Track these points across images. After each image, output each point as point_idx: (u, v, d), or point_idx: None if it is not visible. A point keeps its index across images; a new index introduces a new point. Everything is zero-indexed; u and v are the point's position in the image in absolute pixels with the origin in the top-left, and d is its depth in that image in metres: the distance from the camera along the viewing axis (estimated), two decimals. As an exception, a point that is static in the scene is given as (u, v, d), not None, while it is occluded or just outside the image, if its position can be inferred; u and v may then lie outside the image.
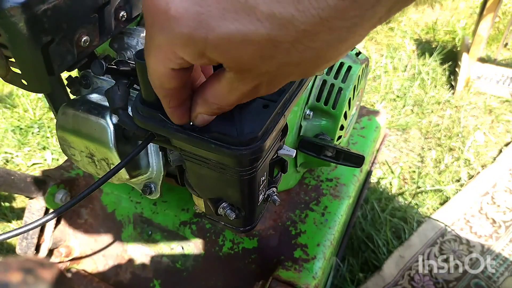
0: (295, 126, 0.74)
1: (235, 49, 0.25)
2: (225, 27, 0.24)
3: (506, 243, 1.29)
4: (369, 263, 1.27)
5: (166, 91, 0.31)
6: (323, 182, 0.90)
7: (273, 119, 0.36)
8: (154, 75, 0.30)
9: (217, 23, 0.24)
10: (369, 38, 2.26)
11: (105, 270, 0.91)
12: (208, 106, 0.32)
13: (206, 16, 0.24)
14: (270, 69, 0.27)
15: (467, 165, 1.56)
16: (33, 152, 1.73)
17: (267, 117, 0.35)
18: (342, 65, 0.75)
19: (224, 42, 0.24)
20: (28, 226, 0.43)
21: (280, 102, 0.37)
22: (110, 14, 0.55)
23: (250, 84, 0.28)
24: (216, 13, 0.24)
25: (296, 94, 0.39)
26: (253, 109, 0.36)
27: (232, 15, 0.23)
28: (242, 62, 0.26)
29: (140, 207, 0.90)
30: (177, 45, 0.26)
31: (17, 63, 0.50)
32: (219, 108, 0.32)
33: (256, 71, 0.27)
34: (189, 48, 0.26)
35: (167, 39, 0.26)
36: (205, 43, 0.25)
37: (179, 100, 0.32)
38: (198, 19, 0.24)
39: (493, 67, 1.91)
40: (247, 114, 0.35)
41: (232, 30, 0.24)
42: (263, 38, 0.24)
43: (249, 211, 0.47)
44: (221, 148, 0.34)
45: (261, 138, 0.34)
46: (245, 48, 0.25)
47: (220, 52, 0.25)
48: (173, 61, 0.27)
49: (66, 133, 0.62)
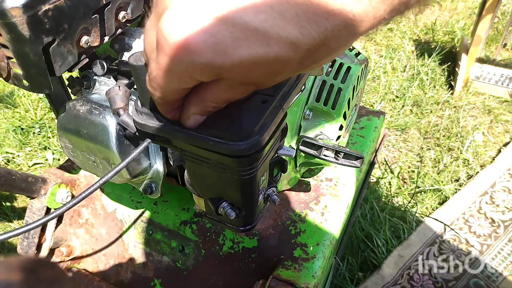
0: (295, 126, 0.74)
1: (249, 70, 0.28)
2: (239, 53, 0.26)
3: (505, 242, 1.30)
4: (369, 263, 1.27)
5: (167, 101, 0.33)
6: (322, 182, 0.90)
7: (271, 113, 0.36)
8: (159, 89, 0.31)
9: (232, 51, 0.26)
10: (369, 39, 2.26)
11: (106, 270, 0.92)
12: (203, 106, 0.33)
13: (222, 45, 0.26)
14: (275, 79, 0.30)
15: (466, 165, 1.57)
16: (34, 152, 1.73)
17: (265, 111, 0.35)
18: (341, 65, 0.75)
19: (239, 66, 0.27)
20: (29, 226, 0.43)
21: (278, 96, 0.37)
22: (111, 15, 0.55)
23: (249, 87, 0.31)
24: (230, 42, 0.26)
25: (295, 87, 0.39)
26: (252, 105, 0.36)
27: (244, 42, 0.26)
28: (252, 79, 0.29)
29: (141, 206, 0.90)
30: (195, 72, 0.28)
31: (18, 63, 0.50)
32: (215, 107, 0.33)
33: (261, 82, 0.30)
34: (206, 73, 0.28)
35: (186, 67, 0.28)
36: (222, 68, 0.27)
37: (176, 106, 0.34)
38: (215, 49, 0.26)
39: (492, 68, 1.91)
40: (245, 110, 0.35)
41: (245, 55, 0.27)
42: (272, 59, 0.27)
43: (249, 211, 0.47)
44: (219, 145, 0.34)
45: (258, 132, 0.34)
46: (257, 69, 0.28)
47: (234, 73, 0.28)
48: (188, 82, 0.30)
49: (67, 133, 0.62)
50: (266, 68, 0.28)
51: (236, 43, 0.26)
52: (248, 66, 0.27)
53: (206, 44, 0.26)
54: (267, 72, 0.28)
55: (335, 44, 0.28)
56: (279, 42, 0.26)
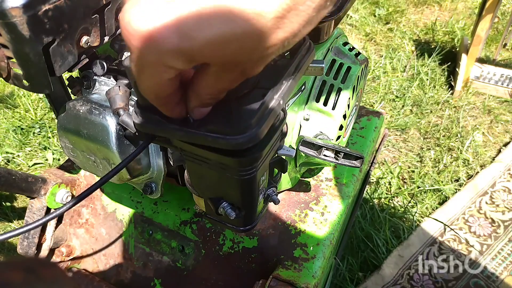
0: (295, 126, 0.74)
1: (219, 49, 0.27)
2: (204, 34, 0.26)
3: (505, 242, 1.30)
4: (369, 263, 1.27)
5: (162, 99, 0.33)
6: (322, 182, 0.91)
7: (267, 105, 0.36)
8: (148, 90, 0.32)
9: (196, 32, 0.26)
10: (369, 39, 2.26)
11: (106, 270, 0.92)
12: (200, 99, 0.33)
13: (185, 28, 0.26)
14: (252, 57, 0.29)
15: (466, 165, 1.57)
16: (34, 152, 1.73)
17: (261, 103, 0.35)
18: (341, 65, 0.75)
19: (208, 46, 0.26)
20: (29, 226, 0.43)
21: (275, 88, 0.37)
22: (111, 15, 0.55)
23: (235, 72, 0.30)
24: (192, 23, 0.26)
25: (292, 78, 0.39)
26: (252, 100, 0.36)
27: (207, 21, 0.26)
28: (227, 57, 0.28)
29: (141, 206, 0.90)
30: (166, 59, 0.28)
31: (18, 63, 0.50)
32: (212, 98, 0.33)
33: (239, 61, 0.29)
34: (177, 58, 0.27)
35: (156, 56, 0.27)
36: (191, 51, 0.27)
37: (175, 102, 0.33)
38: (179, 33, 0.26)
39: (492, 68, 1.91)
40: (244, 105, 0.35)
41: (211, 34, 0.26)
42: (240, 34, 0.26)
43: (249, 211, 0.47)
44: (218, 140, 0.34)
45: (256, 125, 0.34)
46: (227, 47, 0.27)
47: (206, 54, 0.27)
48: (166, 71, 0.29)
49: (67, 133, 0.62)
50: (237, 45, 0.27)
51: (199, 23, 0.26)
52: (217, 45, 0.26)
53: (170, 30, 0.26)
54: (240, 49, 0.27)
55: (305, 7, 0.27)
56: (242, 15, 0.25)
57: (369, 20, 2.36)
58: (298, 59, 0.40)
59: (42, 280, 0.26)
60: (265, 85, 0.37)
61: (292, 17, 0.27)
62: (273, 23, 0.26)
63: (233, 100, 0.36)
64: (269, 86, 0.37)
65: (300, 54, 0.41)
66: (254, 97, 0.36)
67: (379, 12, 2.40)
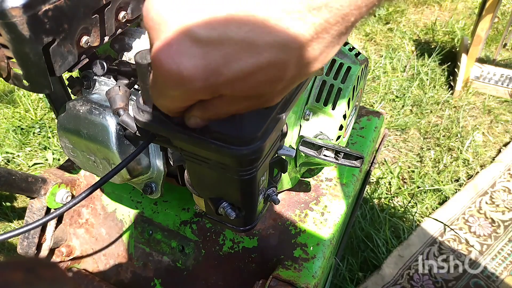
0: (295, 126, 0.74)
1: (245, 82, 0.27)
2: (232, 69, 0.27)
3: (505, 242, 1.30)
4: (369, 263, 1.27)
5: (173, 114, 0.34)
6: (322, 182, 0.91)
7: (273, 119, 0.36)
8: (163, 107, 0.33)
9: (224, 68, 0.27)
10: (369, 39, 2.26)
11: (106, 270, 0.92)
12: (205, 112, 0.33)
13: (213, 65, 0.26)
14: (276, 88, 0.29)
15: (466, 165, 1.57)
16: (34, 152, 1.73)
17: (267, 117, 0.35)
18: (341, 65, 0.75)
19: (235, 80, 0.27)
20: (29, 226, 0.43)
21: (280, 102, 0.37)
22: (111, 15, 0.55)
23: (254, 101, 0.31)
24: (220, 60, 0.26)
25: (296, 94, 0.40)
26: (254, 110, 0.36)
27: (234, 56, 0.26)
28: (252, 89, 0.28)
29: (141, 206, 0.90)
30: (193, 95, 0.29)
31: (18, 63, 0.50)
32: (215, 116, 0.33)
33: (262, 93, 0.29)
34: (204, 94, 0.29)
35: (183, 92, 0.29)
36: (217, 86, 0.28)
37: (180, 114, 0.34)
38: (207, 70, 0.27)
39: (492, 68, 1.91)
40: (247, 114, 0.36)
41: (238, 68, 0.27)
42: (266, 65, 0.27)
43: (249, 211, 0.47)
44: (222, 148, 0.34)
45: (261, 138, 0.35)
46: (253, 79, 0.27)
47: (232, 87, 0.28)
48: (188, 102, 0.31)
49: (67, 133, 0.62)
50: (262, 76, 0.27)
51: (226, 59, 0.26)
52: (243, 78, 0.27)
53: (198, 68, 0.26)
54: (265, 80, 0.28)
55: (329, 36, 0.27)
56: (268, 47, 0.26)
57: (369, 20, 2.36)
58: None
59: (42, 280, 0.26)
60: None
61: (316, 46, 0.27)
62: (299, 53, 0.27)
63: None
64: None
65: None
66: None
67: (379, 12, 2.40)
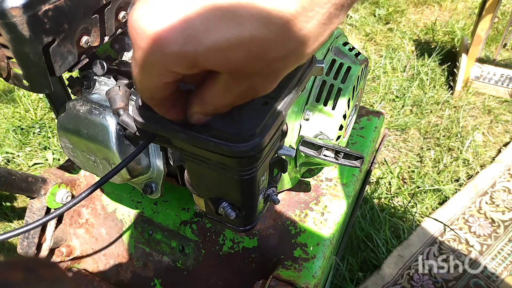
0: (295, 126, 0.74)
1: (225, 55, 0.25)
2: (211, 37, 0.25)
3: (505, 242, 1.30)
4: (369, 263, 1.27)
5: (156, 101, 0.32)
6: (322, 182, 0.91)
7: (272, 116, 0.36)
8: (144, 90, 0.31)
9: (203, 35, 0.25)
10: (368, 39, 2.26)
11: (106, 270, 0.92)
12: (203, 106, 0.32)
13: (191, 30, 0.25)
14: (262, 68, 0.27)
15: (466, 165, 1.57)
16: (34, 152, 1.73)
17: (266, 113, 0.36)
18: (341, 65, 0.75)
19: (213, 51, 0.25)
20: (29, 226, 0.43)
21: (279, 98, 0.37)
22: (111, 15, 0.55)
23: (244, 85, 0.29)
24: (200, 26, 0.25)
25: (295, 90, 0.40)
26: (252, 107, 0.36)
27: (214, 24, 0.25)
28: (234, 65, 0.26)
29: (141, 206, 0.91)
30: (168, 63, 0.27)
31: (18, 63, 0.50)
32: (214, 110, 0.32)
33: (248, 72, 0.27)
34: (180, 63, 0.26)
35: (158, 58, 0.26)
36: (196, 56, 0.26)
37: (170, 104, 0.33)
38: (185, 35, 0.25)
39: (492, 68, 1.91)
40: (246, 112, 0.36)
41: (218, 38, 0.25)
42: (248, 39, 0.25)
43: (249, 211, 0.47)
44: (220, 146, 0.34)
45: (259, 135, 0.35)
46: (233, 53, 0.25)
47: (211, 60, 0.26)
48: (165, 75, 0.28)
49: (67, 133, 0.62)
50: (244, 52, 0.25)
51: (206, 26, 0.25)
52: (223, 50, 0.25)
53: (176, 32, 0.25)
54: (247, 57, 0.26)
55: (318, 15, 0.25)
56: (251, 20, 0.24)
57: (369, 20, 2.36)
58: (302, 71, 0.41)
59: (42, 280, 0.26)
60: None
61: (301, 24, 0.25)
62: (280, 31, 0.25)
63: None
64: (271, 95, 0.37)
65: (304, 66, 0.41)
66: (255, 104, 0.37)
67: (379, 12, 2.40)
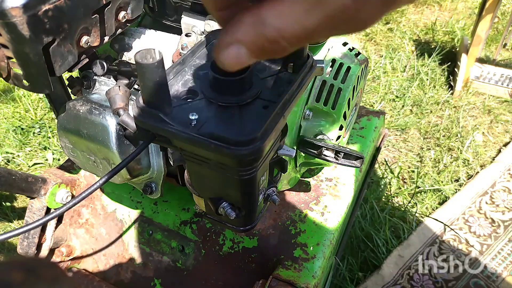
0: (295, 126, 0.74)
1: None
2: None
3: (505, 242, 1.30)
4: (369, 263, 1.27)
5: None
6: (322, 182, 0.90)
7: (273, 120, 0.36)
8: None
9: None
10: (369, 39, 2.26)
11: (106, 270, 0.92)
12: (259, 32, 0.22)
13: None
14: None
15: (466, 165, 1.57)
16: (34, 152, 1.73)
17: (267, 117, 0.36)
18: (341, 65, 0.75)
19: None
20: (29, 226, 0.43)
21: (280, 102, 0.37)
22: (111, 15, 0.55)
23: (333, 7, 0.20)
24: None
25: (296, 95, 0.40)
26: (253, 110, 0.36)
27: None
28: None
29: (141, 206, 0.90)
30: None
31: (18, 63, 0.50)
32: (275, 41, 0.22)
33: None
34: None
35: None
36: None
37: (224, 4, 0.25)
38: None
39: (492, 68, 1.91)
40: (246, 115, 0.36)
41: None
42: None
43: (249, 211, 0.47)
44: (221, 148, 0.34)
45: (260, 138, 0.35)
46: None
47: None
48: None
49: (67, 133, 0.62)
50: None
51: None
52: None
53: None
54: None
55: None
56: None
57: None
58: (302, 75, 0.41)
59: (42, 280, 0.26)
60: (266, 97, 0.37)
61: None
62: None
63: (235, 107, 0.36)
64: (271, 99, 0.37)
65: (304, 71, 0.41)
66: (256, 107, 0.37)
67: (379, 12, 2.39)
